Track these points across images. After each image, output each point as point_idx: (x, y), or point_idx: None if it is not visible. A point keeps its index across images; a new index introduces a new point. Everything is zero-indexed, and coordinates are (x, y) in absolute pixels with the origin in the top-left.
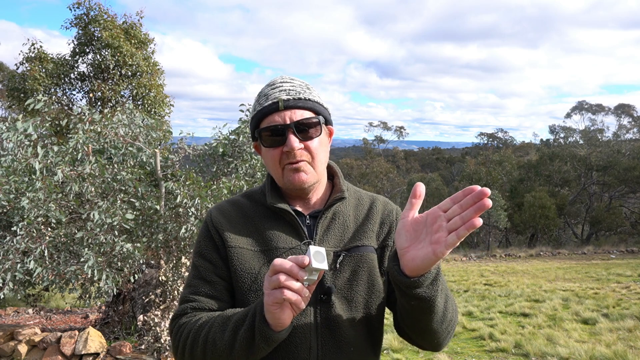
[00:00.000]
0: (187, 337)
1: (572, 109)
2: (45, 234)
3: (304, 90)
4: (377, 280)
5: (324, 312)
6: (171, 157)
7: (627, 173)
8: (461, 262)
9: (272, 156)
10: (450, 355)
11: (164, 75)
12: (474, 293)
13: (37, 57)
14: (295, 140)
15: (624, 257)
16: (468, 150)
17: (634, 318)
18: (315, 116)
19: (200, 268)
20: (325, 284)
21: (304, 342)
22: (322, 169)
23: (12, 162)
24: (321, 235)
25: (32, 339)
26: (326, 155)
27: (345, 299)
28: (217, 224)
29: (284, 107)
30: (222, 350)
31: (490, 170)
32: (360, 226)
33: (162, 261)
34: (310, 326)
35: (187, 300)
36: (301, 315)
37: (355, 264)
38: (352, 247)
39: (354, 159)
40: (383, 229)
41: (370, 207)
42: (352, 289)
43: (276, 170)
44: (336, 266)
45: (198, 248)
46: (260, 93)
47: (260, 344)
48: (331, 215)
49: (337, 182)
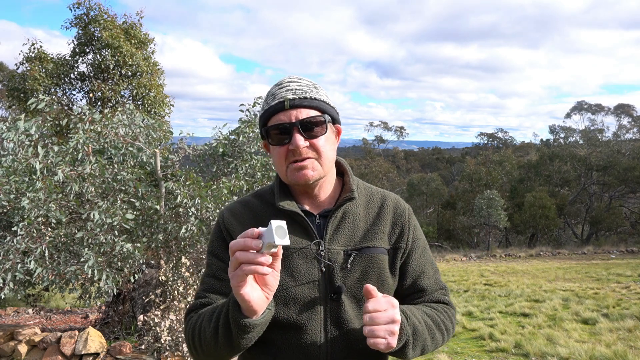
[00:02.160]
0: (192, 329)
1: (572, 109)
2: (46, 234)
3: (311, 90)
4: (387, 281)
5: (334, 311)
6: (171, 157)
7: (627, 173)
8: (461, 262)
9: (279, 154)
10: (450, 355)
11: (164, 75)
12: (474, 293)
13: (37, 57)
14: (300, 138)
15: (624, 257)
16: (468, 150)
17: (634, 318)
18: (321, 115)
19: (213, 266)
20: (335, 283)
21: (314, 338)
22: (329, 166)
23: (12, 162)
24: (331, 234)
25: (32, 339)
26: (333, 153)
27: (355, 298)
28: (228, 225)
29: (289, 106)
30: (209, 339)
31: (490, 170)
32: (371, 226)
33: (162, 261)
34: (320, 323)
35: (199, 296)
36: (311, 313)
37: (366, 264)
38: (363, 247)
39: (353, 159)
40: (395, 229)
41: (381, 206)
42: (362, 288)
43: (281, 167)
44: (347, 265)
45: (211, 247)
46: (269, 93)
47: (236, 330)
48: (341, 215)
49: (347, 181)
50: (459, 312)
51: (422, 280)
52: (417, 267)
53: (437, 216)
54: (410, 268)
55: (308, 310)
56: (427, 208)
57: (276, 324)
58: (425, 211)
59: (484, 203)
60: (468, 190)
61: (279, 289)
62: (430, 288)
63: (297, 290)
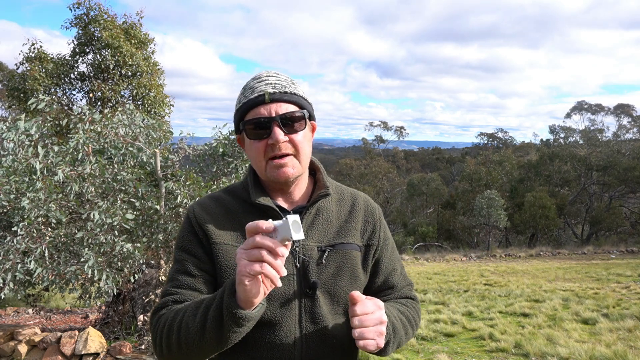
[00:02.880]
0: (163, 327)
1: (572, 109)
2: (46, 234)
3: (289, 85)
4: (359, 277)
5: (308, 306)
6: (171, 157)
7: (627, 173)
8: (461, 262)
9: (257, 149)
10: (450, 355)
11: (164, 75)
12: (474, 293)
13: (37, 57)
14: (280, 133)
15: (624, 257)
16: (468, 150)
17: (634, 318)
18: (300, 110)
19: (183, 262)
20: (310, 279)
21: (288, 334)
22: (306, 163)
23: (12, 162)
24: (305, 230)
25: (32, 339)
26: (309, 150)
27: (329, 294)
28: (200, 220)
29: (270, 100)
30: (194, 334)
31: (490, 170)
32: (344, 223)
33: (162, 261)
34: (294, 319)
35: (169, 293)
36: (285, 309)
37: (340, 260)
38: (337, 243)
39: (353, 159)
40: (367, 227)
41: (352, 204)
42: (336, 284)
43: (260, 163)
44: (322, 261)
45: (181, 243)
46: (246, 86)
47: (229, 322)
48: (315, 211)
49: (320, 178)
50: (459, 312)
51: (392, 277)
52: (388, 265)
53: (437, 216)
54: (382, 266)
55: (283, 307)
56: (427, 208)
57: None
58: (425, 211)
59: (484, 203)
60: (468, 190)
61: None
62: (399, 285)
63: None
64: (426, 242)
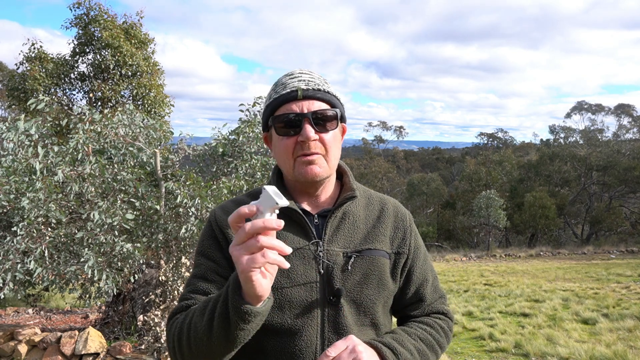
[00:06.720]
0: (175, 330)
1: (572, 109)
2: (46, 234)
3: (323, 83)
4: (387, 285)
5: (332, 315)
6: (171, 157)
7: (627, 173)
8: (461, 262)
9: (285, 146)
10: (450, 355)
11: (164, 75)
12: (474, 293)
13: (37, 57)
14: (311, 130)
15: (624, 257)
16: (468, 150)
17: (634, 318)
18: (332, 109)
19: (202, 267)
20: (334, 286)
21: (309, 344)
22: (334, 165)
23: (12, 162)
24: (330, 235)
25: (32, 339)
26: (339, 152)
27: (354, 302)
28: (220, 224)
29: (302, 97)
30: (202, 334)
31: (490, 170)
32: (372, 228)
33: (162, 261)
34: (316, 328)
35: (185, 298)
36: (307, 317)
37: (367, 266)
38: (364, 249)
39: (353, 159)
40: (397, 234)
41: (381, 209)
42: (362, 292)
43: (288, 161)
44: (347, 267)
45: (201, 247)
46: (278, 82)
47: (235, 319)
48: (341, 215)
49: (347, 181)
50: (459, 312)
51: (424, 288)
52: (420, 275)
53: (437, 216)
54: (414, 276)
55: (304, 315)
56: (427, 208)
57: (269, 329)
58: (425, 211)
59: (484, 203)
60: (468, 190)
61: (273, 289)
62: (430, 297)
63: (292, 292)
64: (426, 242)
